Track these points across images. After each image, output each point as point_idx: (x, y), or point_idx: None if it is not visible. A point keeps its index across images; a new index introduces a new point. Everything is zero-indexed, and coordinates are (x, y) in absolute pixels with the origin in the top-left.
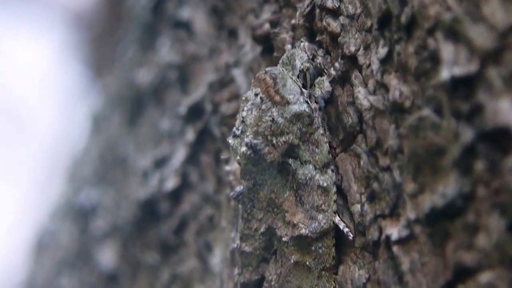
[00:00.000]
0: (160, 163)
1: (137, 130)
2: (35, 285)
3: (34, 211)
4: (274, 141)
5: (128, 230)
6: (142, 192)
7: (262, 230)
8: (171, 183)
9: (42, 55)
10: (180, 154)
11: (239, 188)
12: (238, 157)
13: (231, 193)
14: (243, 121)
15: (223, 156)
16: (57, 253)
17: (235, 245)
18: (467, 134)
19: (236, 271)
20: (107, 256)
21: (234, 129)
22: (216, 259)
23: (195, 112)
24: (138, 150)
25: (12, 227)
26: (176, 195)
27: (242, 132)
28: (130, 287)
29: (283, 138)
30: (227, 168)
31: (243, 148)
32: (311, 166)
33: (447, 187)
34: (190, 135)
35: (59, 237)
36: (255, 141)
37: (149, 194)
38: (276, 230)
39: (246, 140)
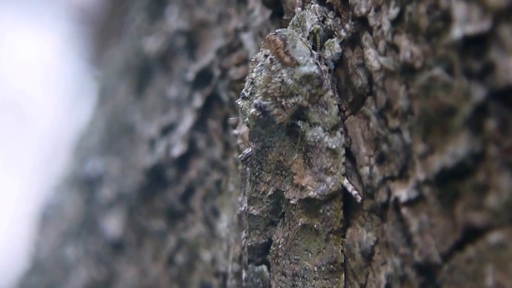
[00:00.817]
0: (167, 130)
1: (144, 99)
2: (40, 257)
3: (36, 191)
4: (283, 103)
5: (134, 198)
6: (149, 159)
7: (270, 193)
8: (178, 150)
9: (45, 49)
10: (187, 121)
11: (247, 151)
12: (246, 119)
13: (239, 156)
14: (252, 83)
15: (231, 119)
16: (62, 224)
17: (243, 209)
18: (479, 93)
19: (243, 234)
20: (112, 225)
21: (243, 90)
22: (223, 224)
23: (203, 78)
24: (145, 118)
25: (14, 213)
26: (183, 162)
27: (251, 93)
28: (136, 254)
29: (293, 100)
30: (235, 131)
31: (252, 110)
32: (320, 128)
33: (458, 147)
34: (198, 101)
35: (64, 209)
36: (264, 103)
37: (155, 161)
38: (284, 193)
39: (255, 101)
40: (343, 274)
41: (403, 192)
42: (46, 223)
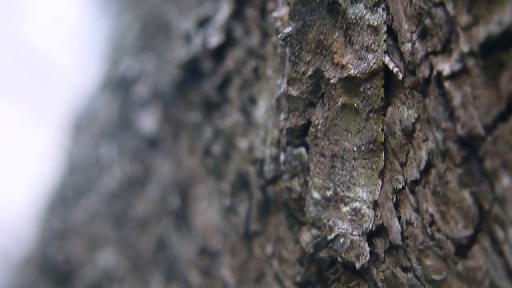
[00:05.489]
0: (204, 22)
1: None
2: (74, 161)
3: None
4: None
5: (170, 92)
6: (185, 52)
7: (309, 73)
8: (215, 40)
9: (69, 8)
10: (224, 11)
11: (287, 30)
12: None
13: (279, 35)
14: None
15: (270, 3)
16: (95, 128)
17: (282, 90)
18: None
19: (281, 116)
20: (148, 121)
21: None
22: (260, 110)
23: None
24: (181, 14)
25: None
26: (220, 53)
27: None
28: (171, 149)
29: None
30: (275, 14)
31: None
32: (361, 5)
33: (504, 15)
34: None
35: (97, 115)
36: None
37: (192, 54)
38: (324, 72)
39: None
40: (383, 153)
41: (446, 66)
42: (79, 132)
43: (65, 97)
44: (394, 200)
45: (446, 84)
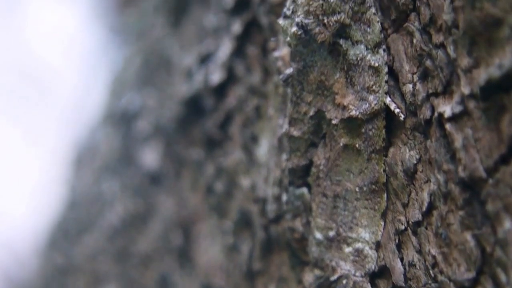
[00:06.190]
0: (205, 59)
1: (181, 31)
2: (76, 195)
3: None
4: (325, 21)
5: (172, 128)
6: (187, 89)
7: (311, 113)
8: (217, 77)
9: (68, 19)
10: (226, 48)
11: (288, 71)
12: (288, 38)
13: (281, 76)
14: (294, 1)
15: (271, 42)
16: (97, 162)
17: (284, 130)
18: None
19: (283, 157)
20: (150, 157)
21: (285, 9)
22: (263, 149)
23: (242, 4)
24: (182, 49)
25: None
26: (221, 90)
27: (293, 12)
28: (174, 185)
29: (335, 18)
30: (276, 53)
31: (294, 28)
32: (362, 46)
33: (504, 59)
34: (237, 27)
35: (99, 148)
36: (306, 21)
37: (194, 90)
38: (326, 113)
39: (297, 20)
40: (385, 194)
41: (447, 108)
42: (81, 165)
43: (66, 108)
44: (397, 241)
45: (447, 126)
